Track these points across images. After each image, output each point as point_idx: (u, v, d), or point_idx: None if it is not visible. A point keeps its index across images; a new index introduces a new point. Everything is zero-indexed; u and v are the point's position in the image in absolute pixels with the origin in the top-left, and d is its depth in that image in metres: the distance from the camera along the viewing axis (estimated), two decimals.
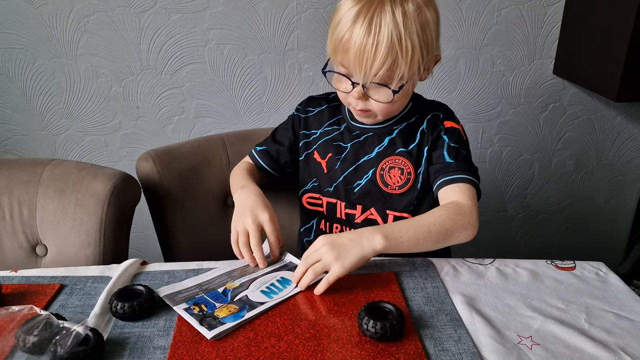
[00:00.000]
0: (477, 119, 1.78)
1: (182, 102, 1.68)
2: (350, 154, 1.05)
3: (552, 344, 0.74)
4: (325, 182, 1.08)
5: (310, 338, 0.74)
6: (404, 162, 1.02)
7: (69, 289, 0.86)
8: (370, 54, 0.85)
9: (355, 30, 0.86)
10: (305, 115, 1.11)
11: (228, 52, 1.62)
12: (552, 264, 0.94)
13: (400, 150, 1.02)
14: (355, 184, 1.05)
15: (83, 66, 1.61)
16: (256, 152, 1.15)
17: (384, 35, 0.85)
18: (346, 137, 1.06)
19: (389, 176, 1.03)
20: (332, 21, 0.92)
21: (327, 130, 1.09)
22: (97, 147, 1.72)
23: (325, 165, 1.07)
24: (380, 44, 0.85)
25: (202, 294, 0.84)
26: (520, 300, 0.84)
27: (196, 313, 0.79)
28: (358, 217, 1.06)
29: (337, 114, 1.09)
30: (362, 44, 0.85)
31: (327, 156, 1.07)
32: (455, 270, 0.91)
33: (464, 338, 0.74)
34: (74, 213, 1.01)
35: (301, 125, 1.11)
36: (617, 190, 1.94)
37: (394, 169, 1.02)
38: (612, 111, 1.80)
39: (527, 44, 1.69)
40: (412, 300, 0.83)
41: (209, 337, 0.74)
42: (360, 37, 0.85)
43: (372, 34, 0.85)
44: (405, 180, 1.02)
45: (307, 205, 1.11)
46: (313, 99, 1.14)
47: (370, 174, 1.04)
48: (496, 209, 1.93)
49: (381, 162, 1.03)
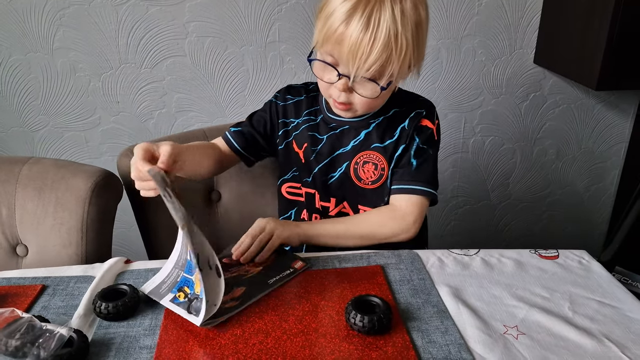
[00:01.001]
0: (459, 109, 1.79)
1: (163, 96, 1.65)
2: (326, 146, 1.05)
3: (537, 332, 0.75)
4: (304, 172, 1.08)
5: (298, 333, 0.74)
6: (378, 158, 1.02)
7: (51, 289, 0.85)
8: (366, 49, 0.84)
9: (352, 23, 0.84)
10: (284, 103, 1.10)
11: (209, 45, 1.60)
12: (536, 253, 0.95)
13: (375, 146, 1.02)
14: (329, 176, 1.05)
15: (60, 61, 1.58)
16: (230, 133, 1.10)
17: (382, 31, 0.83)
18: (322, 128, 1.06)
19: (363, 171, 1.02)
20: (323, 9, 0.89)
21: (304, 120, 1.08)
22: (77, 143, 1.70)
23: (303, 156, 1.07)
24: (378, 40, 0.83)
25: (181, 273, 0.82)
26: (506, 290, 0.84)
27: (182, 301, 0.79)
28: (332, 210, 1.06)
29: (315, 105, 1.08)
30: (359, 38, 0.84)
31: (303, 146, 1.07)
32: (441, 261, 0.92)
33: (450, 329, 0.75)
34: (55, 212, 0.99)
35: (279, 113, 1.10)
36: (597, 177, 1.97)
37: (367, 163, 1.02)
38: (591, 99, 1.82)
39: (508, 34, 1.70)
40: (399, 293, 0.83)
41: (198, 324, 0.74)
42: (357, 31, 0.84)
43: (369, 30, 0.83)
44: (379, 176, 1.02)
45: (287, 195, 1.11)
46: (293, 88, 1.12)
47: (345, 167, 1.03)
48: (479, 198, 1.94)
49: (355, 156, 1.03)
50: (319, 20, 0.91)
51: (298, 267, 0.90)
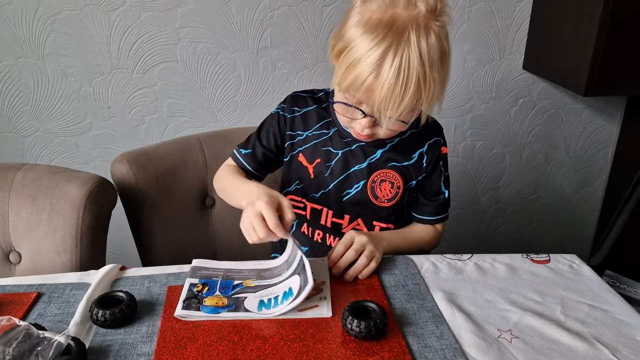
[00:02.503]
0: (450, 113, 1.80)
1: (154, 101, 1.65)
2: (341, 162, 1.03)
3: (530, 336, 0.76)
4: (311, 187, 1.06)
5: (295, 339, 0.74)
6: (394, 177, 1.02)
7: (46, 297, 0.84)
8: (399, 97, 0.82)
9: (382, 73, 0.81)
10: (292, 115, 1.06)
11: (200, 51, 1.60)
12: (528, 257, 0.96)
13: (393, 165, 1.02)
14: (344, 192, 1.04)
15: (51, 66, 1.57)
16: (241, 155, 1.08)
17: (413, 76, 0.81)
18: (336, 143, 1.03)
19: (380, 189, 1.02)
20: (345, 55, 0.85)
21: (315, 134, 1.04)
22: (67, 149, 1.69)
23: (313, 171, 1.05)
24: (409, 87, 0.81)
25: (220, 278, 0.88)
26: (499, 295, 0.86)
27: (193, 291, 0.84)
28: (345, 227, 1.05)
29: (326, 117, 1.04)
30: (390, 87, 0.81)
31: (314, 161, 1.04)
32: (435, 266, 0.93)
33: (445, 334, 0.76)
34: (49, 219, 0.99)
35: (287, 126, 1.06)
36: (585, 181, 1.99)
37: (385, 182, 1.02)
38: (579, 105, 1.85)
39: (498, 40, 1.72)
40: (394, 298, 0.84)
41: (175, 314, 0.79)
42: (389, 82, 0.81)
43: (401, 79, 0.81)
44: (394, 194, 1.03)
45: None
46: (299, 97, 1.08)
47: (362, 185, 1.03)
48: (469, 202, 1.96)
49: (373, 174, 1.02)
50: (339, 65, 0.87)
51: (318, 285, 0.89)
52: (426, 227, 1.09)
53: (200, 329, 0.76)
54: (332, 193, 1.04)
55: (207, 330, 0.76)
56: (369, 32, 0.82)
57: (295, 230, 1.10)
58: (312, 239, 1.08)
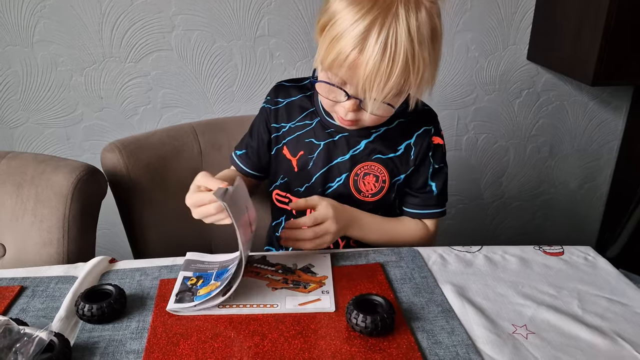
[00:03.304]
0: (452, 105, 1.76)
1: (148, 91, 1.60)
2: (323, 154, 0.98)
3: (547, 332, 0.72)
4: (295, 181, 1.01)
5: (296, 335, 0.69)
6: (379, 169, 0.96)
7: (30, 291, 0.79)
8: (384, 75, 0.76)
9: (367, 48, 0.75)
10: (275, 107, 1.01)
11: (196, 39, 1.55)
12: (540, 249, 0.91)
13: (377, 157, 0.96)
14: (326, 186, 0.99)
15: (40, 54, 1.51)
16: (237, 156, 1.05)
17: (400, 53, 0.75)
18: (319, 133, 0.98)
19: (363, 183, 0.97)
20: (328, 29, 0.79)
21: (298, 126, 0.99)
22: (58, 140, 1.63)
23: (296, 164, 1.00)
24: (396, 63, 0.75)
25: (215, 269, 0.84)
26: (511, 288, 0.81)
27: (187, 284, 0.80)
28: None
29: (309, 106, 0.99)
30: (376, 64, 0.75)
31: (298, 154, 0.99)
32: (443, 259, 0.88)
33: (457, 329, 0.71)
34: (34, 209, 0.94)
35: (272, 118, 1.02)
36: (590, 176, 1.95)
37: (368, 175, 0.97)
38: (584, 96, 1.80)
39: (501, 30, 1.67)
40: (401, 292, 0.79)
41: (167, 309, 0.74)
42: (374, 58, 0.75)
43: (387, 53, 0.75)
44: (379, 189, 0.97)
45: (276, 202, 1.05)
46: (282, 87, 1.03)
47: (344, 178, 0.97)
48: (472, 197, 1.91)
49: (356, 167, 0.96)
50: (322, 40, 0.81)
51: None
52: (414, 223, 1.01)
53: (194, 325, 0.71)
54: (315, 187, 0.99)
55: (202, 325, 0.71)
56: (354, 4, 0.76)
57: (283, 226, 1.05)
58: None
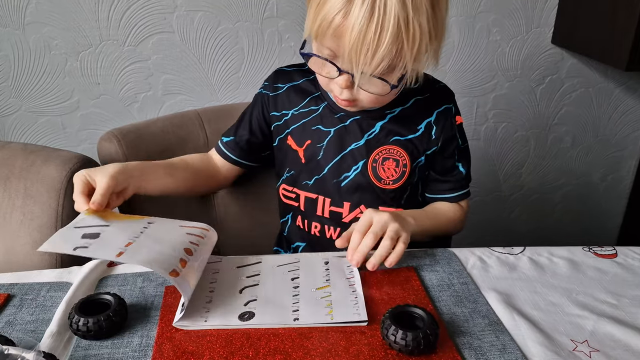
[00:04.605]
0: (471, 93, 1.65)
1: (148, 77, 1.50)
2: (334, 141, 0.89)
3: (612, 348, 0.62)
4: (303, 174, 0.92)
5: (324, 353, 0.60)
6: (399, 153, 0.87)
7: (17, 300, 0.70)
8: (372, 44, 0.68)
9: (352, 11, 0.68)
10: (274, 93, 0.94)
11: (199, 20, 1.45)
12: (590, 250, 0.82)
13: (396, 139, 0.87)
14: (342, 177, 0.89)
15: (33, 37, 1.41)
16: (223, 144, 0.97)
17: (390, 18, 0.67)
18: (327, 120, 0.89)
19: (383, 169, 0.88)
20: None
21: (303, 113, 0.91)
22: (53, 130, 1.53)
23: (303, 155, 0.91)
24: (385, 30, 0.67)
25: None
26: (564, 296, 0.71)
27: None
28: (346, 216, 0.91)
29: (314, 91, 0.91)
30: (362, 30, 0.67)
31: (304, 143, 0.91)
32: (483, 262, 0.79)
33: (509, 346, 0.62)
34: (23, 205, 0.84)
35: (270, 106, 0.94)
36: (614, 167, 1.86)
37: (388, 160, 0.88)
38: (610, 83, 1.70)
39: (525, 11, 1.57)
40: (440, 301, 0.69)
41: (173, 323, 0.64)
42: (359, 22, 0.67)
43: (374, 18, 0.67)
44: (401, 174, 0.88)
45: (283, 198, 0.96)
46: (282, 72, 0.95)
47: (361, 165, 0.88)
48: (490, 190, 1.82)
49: (373, 152, 0.88)
50: (310, 6, 0.74)
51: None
52: (451, 205, 0.95)
53: (205, 341, 0.62)
54: (327, 178, 0.90)
55: (214, 342, 0.62)
56: None
57: (290, 224, 0.97)
58: (309, 232, 0.94)
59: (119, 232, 0.68)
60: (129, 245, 0.65)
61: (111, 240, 0.66)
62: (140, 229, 0.71)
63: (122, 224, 0.71)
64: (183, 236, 0.72)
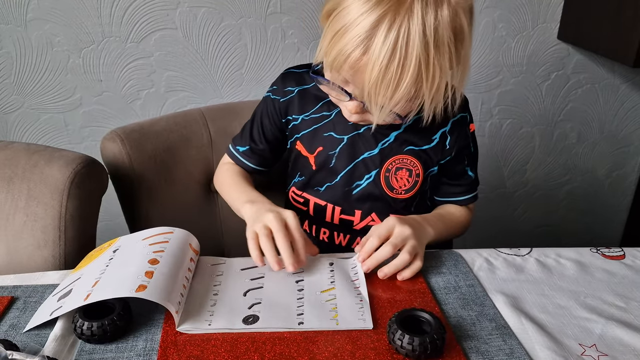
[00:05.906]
0: (476, 89, 1.64)
1: (151, 74, 1.49)
2: (347, 149, 0.87)
3: (621, 353, 0.62)
4: (314, 180, 0.91)
5: (329, 358, 0.59)
6: (413, 163, 0.86)
7: (21, 302, 0.69)
8: (392, 83, 0.65)
9: (373, 49, 0.64)
10: (285, 97, 0.91)
11: (202, 17, 1.43)
12: (598, 251, 0.81)
13: (410, 149, 0.86)
14: (354, 185, 0.88)
15: (35, 34, 1.40)
16: (239, 153, 0.95)
17: (412, 58, 0.64)
18: (340, 126, 0.87)
19: (396, 179, 0.86)
20: (332, 20, 0.68)
21: (314, 118, 0.89)
22: (55, 127, 1.53)
23: (314, 162, 0.89)
24: (406, 71, 0.65)
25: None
26: (572, 299, 0.71)
27: None
28: (357, 224, 0.90)
29: (326, 96, 0.86)
30: (382, 69, 0.65)
31: (315, 150, 0.89)
32: (490, 263, 0.78)
33: (516, 350, 0.61)
34: (26, 207, 0.83)
35: (282, 111, 0.91)
36: (619, 163, 1.84)
37: (401, 170, 0.86)
38: (616, 79, 1.69)
39: (531, 6, 1.55)
40: (446, 304, 0.69)
41: (177, 328, 0.63)
42: (380, 60, 0.64)
43: (395, 58, 0.64)
44: (413, 183, 0.87)
45: (292, 201, 0.95)
46: (291, 75, 0.92)
47: (374, 175, 0.87)
48: (495, 186, 1.81)
49: (387, 162, 0.86)
50: (326, 31, 0.70)
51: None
52: (461, 208, 0.95)
53: (209, 346, 0.61)
54: (339, 187, 0.88)
55: (219, 346, 0.61)
56: None
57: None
58: (317, 237, 0.93)
59: (87, 277, 0.68)
60: (95, 285, 0.65)
61: (80, 289, 0.66)
62: (106, 261, 0.71)
63: (92, 266, 0.71)
64: (145, 248, 0.71)
